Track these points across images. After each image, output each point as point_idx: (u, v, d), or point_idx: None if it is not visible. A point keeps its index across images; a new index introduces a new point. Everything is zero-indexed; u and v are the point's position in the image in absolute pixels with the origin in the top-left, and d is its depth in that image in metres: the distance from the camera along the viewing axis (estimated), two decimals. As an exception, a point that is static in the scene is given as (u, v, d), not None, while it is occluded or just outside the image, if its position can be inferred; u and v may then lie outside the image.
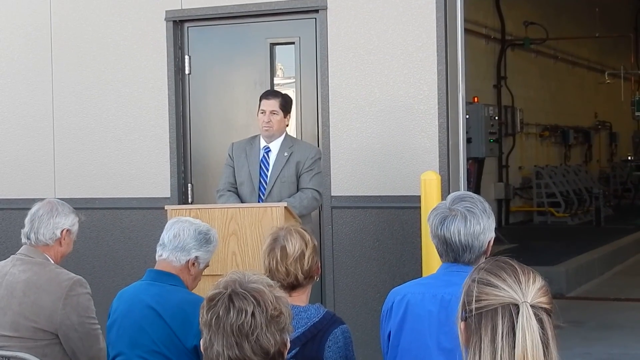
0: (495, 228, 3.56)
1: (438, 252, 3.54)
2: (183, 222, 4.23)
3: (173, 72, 7.71)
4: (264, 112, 6.52)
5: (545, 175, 18.78)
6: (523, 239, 15.06)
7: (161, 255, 4.18)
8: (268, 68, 7.58)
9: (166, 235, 4.19)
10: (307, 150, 6.59)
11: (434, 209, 3.56)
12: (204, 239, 4.21)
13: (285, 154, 6.53)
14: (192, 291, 4.24)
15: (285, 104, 6.56)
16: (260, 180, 6.54)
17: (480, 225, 3.44)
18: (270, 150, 6.58)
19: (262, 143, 6.61)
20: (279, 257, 3.73)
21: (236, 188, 6.61)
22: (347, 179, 7.18)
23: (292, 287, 3.74)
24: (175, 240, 4.16)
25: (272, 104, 6.51)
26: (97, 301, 4.60)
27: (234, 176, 6.63)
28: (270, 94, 6.63)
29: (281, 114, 6.52)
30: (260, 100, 6.59)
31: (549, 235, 16.05)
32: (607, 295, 11.26)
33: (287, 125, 6.69)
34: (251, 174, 6.55)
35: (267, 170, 6.55)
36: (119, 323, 4.14)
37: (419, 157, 6.96)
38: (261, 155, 6.59)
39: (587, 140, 22.79)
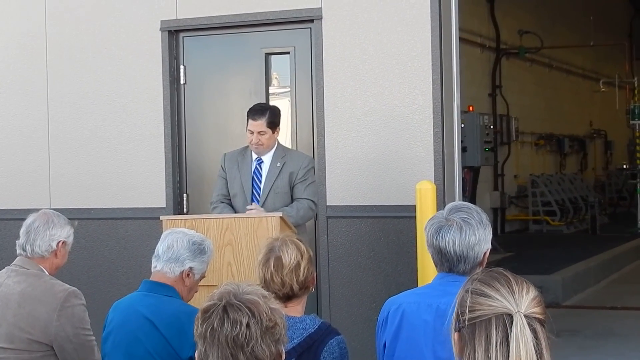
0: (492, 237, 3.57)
1: (433, 262, 3.54)
2: (177, 233, 4.23)
3: (168, 82, 7.72)
4: (252, 132, 6.41)
5: (540, 184, 18.80)
6: (519, 247, 15.07)
7: (156, 267, 4.18)
8: (263, 77, 7.58)
9: (160, 247, 4.20)
10: (299, 160, 6.56)
11: (431, 218, 3.56)
12: (198, 250, 4.20)
13: (278, 164, 6.49)
14: (188, 301, 4.24)
15: (273, 119, 6.43)
16: (253, 191, 6.51)
17: (476, 236, 3.44)
18: (262, 162, 6.54)
19: (254, 154, 6.57)
20: (274, 268, 3.73)
21: (229, 200, 6.57)
22: (342, 189, 7.19)
23: (287, 297, 3.74)
24: (169, 251, 4.16)
25: (259, 125, 6.38)
26: (93, 312, 4.59)
27: (227, 188, 6.59)
28: (257, 113, 6.42)
29: (269, 132, 6.40)
30: (247, 119, 6.45)
31: (545, 244, 16.06)
32: (603, 304, 11.27)
33: (277, 136, 6.61)
34: (243, 186, 6.51)
35: (260, 181, 6.52)
36: (114, 334, 4.14)
37: (414, 167, 6.97)
38: (254, 167, 6.54)
39: (582, 148, 22.83)
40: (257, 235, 5.55)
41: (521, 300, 2.14)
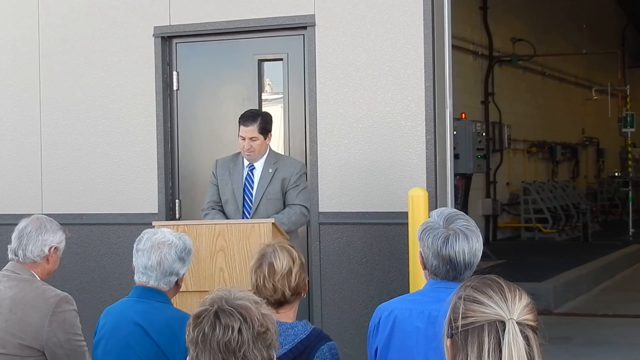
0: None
1: (433, 271, 3.48)
2: (161, 246, 4.11)
3: (161, 88, 7.72)
4: (243, 138, 6.40)
5: (532, 191, 18.82)
6: (511, 255, 15.07)
7: (148, 282, 4.10)
8: (256, 84, 7.59)
9: (149, 262, 4.09)
10: (291, 166, 6.54)
11: (428, 228, 3.48)
12: (185, 254, 4.16)
13: (270, 170, 6.48)
14: (179, 308, 4.22)
15: (265, 125, 6.41)
16: (245, 198, 6.50)
17: (479, 243, 3.46)
18: (254, 168, 6.53)
19: (246, 161, 6.56)
20: (266, 274, 3.72)
21: (221, 206, 6.56)
22: (334, 195, 7.19)
23: (279, 303, 3.74)
24: (160, 267, 4.07)
25: (251, 131, 6.36)
26: (84, 317, 4.58)
27: (219, 194, 6.58)
28: (248, 119, 6.41)
29: (261, 138, 6.38)
30: (239, 125, 6.43)
31: (537, 251, 16.07)
32: (595, 311, 11.28)
33: (269, 142, 6.60)
34: (235, 193, 6.50)
35: (252, 188, 6.50)
36: (105, 340, 4.12)
37: (406, 174, 6.97)
38: (245, 173, 6.53)
39: (574, 156, 22.88)
40: (249, 242, 5.54)
41: (514, 307, 2.14)
